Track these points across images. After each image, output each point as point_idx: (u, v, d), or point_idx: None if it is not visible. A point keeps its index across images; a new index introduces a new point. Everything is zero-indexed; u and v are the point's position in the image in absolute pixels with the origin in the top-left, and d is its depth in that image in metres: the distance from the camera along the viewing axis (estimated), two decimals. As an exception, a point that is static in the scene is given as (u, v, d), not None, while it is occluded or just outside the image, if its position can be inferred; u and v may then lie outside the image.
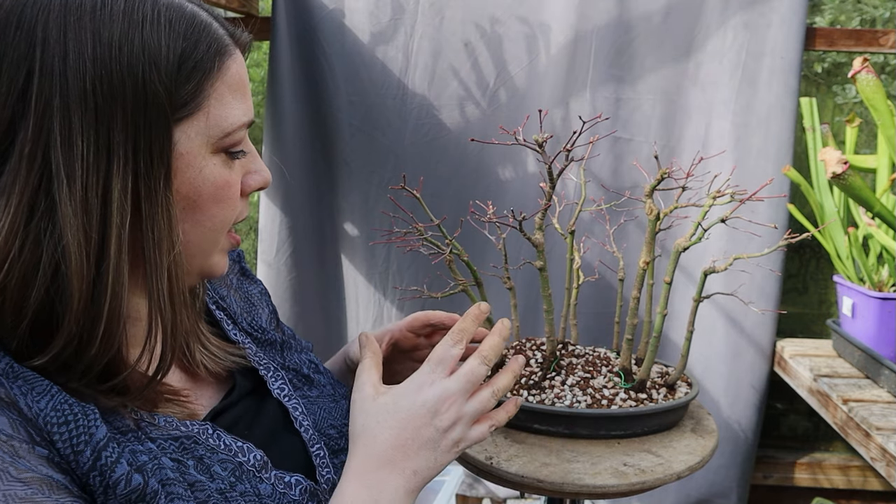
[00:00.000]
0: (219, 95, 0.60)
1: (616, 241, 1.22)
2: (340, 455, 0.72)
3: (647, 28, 1.56)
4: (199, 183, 0.59)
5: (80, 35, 0.53)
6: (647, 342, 1.08)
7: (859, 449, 1.16)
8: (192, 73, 0.58)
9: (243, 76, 0.63)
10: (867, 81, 1.11)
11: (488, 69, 1.61)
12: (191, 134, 0.58)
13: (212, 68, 0.59)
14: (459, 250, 1.02)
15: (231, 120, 0.60)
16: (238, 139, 0.61)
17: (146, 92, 0.55)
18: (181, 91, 0.57)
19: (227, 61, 0.61)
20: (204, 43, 0.59)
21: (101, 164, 0.54)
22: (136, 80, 0.54)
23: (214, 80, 0.59)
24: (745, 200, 0.96)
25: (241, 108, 0.62)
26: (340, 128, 1.64)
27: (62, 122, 0.53)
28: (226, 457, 0.62)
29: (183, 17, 0.58)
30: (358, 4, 1.60)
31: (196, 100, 0.58)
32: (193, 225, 0.61)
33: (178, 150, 0.58)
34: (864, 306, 1.34)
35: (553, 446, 0.96)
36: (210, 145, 0.60)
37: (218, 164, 0.61)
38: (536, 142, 0.92)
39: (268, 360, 0.76)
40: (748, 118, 1.55)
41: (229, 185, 0.62)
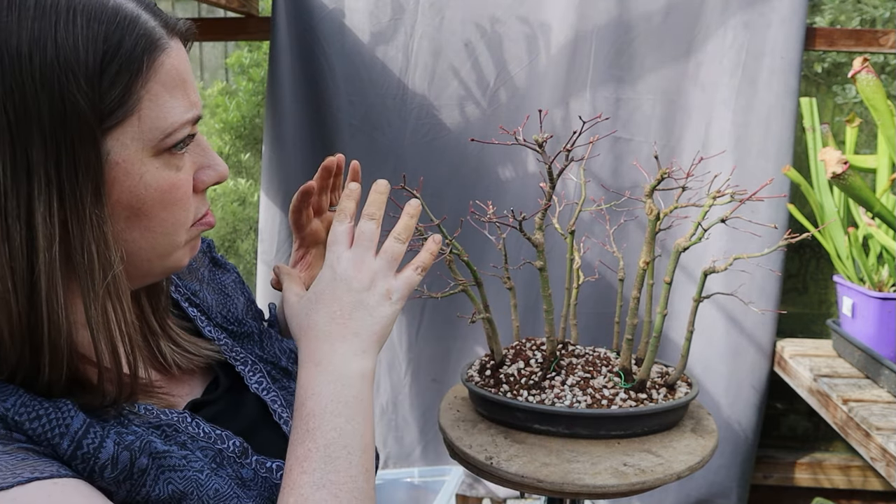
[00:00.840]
0: (153, 96, 0.55)
1: (616, 241, 1.22)
2: None
3: (648, 28, 1.56)
4: (141, 190, 0.55)
5: None
6: (647, 342, 1.08)
7: (859, 449, 1.16)
8: (117, 77, 0.52)
9: (182, 70, 0.57)
10: (867, 81, 1.11)
11: (488, 69, 1.61)
12: (125, 141, 0.54)
13: (140, 68, 0.54)
14: (459, 250, 1.02)
15: (170, 120, 0.56)
16: (180, 137, 0.57)
17: (65, 105, 0.50)
18: (107, 98, 0.52)
19: (159, 57, 0.55)
20: (129, 40, 0.53)
21: (20, 187, 0.50)
22: (52, 94, 0.49)
23: (146, 79, 0.54)
24: (745, 200, 0.96)
25: (182, 104, 0.57)
26: (340, 128, 1.64)
27: None
28: (206, 444, 0.62)
29: (103, 12, 0.52)
30: (358, 4, 1.60)
31: (126, 104, 0.53)
32: (143, 232, 0.57)
33: (112, 160, 0.53)
34: (864, 306, 1.34)
35: (553, 446, 0.96)
36: (149, 149, 0.55)
37: (160, 168, 0.56)
38: (536, 142, 0.92)
39: (245, 354, 0.75)
40: (748, 118, 1.55)
41: (176, 186, 0.58)
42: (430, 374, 1.73)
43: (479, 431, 1.02)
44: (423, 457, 1.77)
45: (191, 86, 0.59)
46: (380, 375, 1.74)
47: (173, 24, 0.58)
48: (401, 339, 1.72)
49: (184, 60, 0.58)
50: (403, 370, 1.73)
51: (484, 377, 1.07)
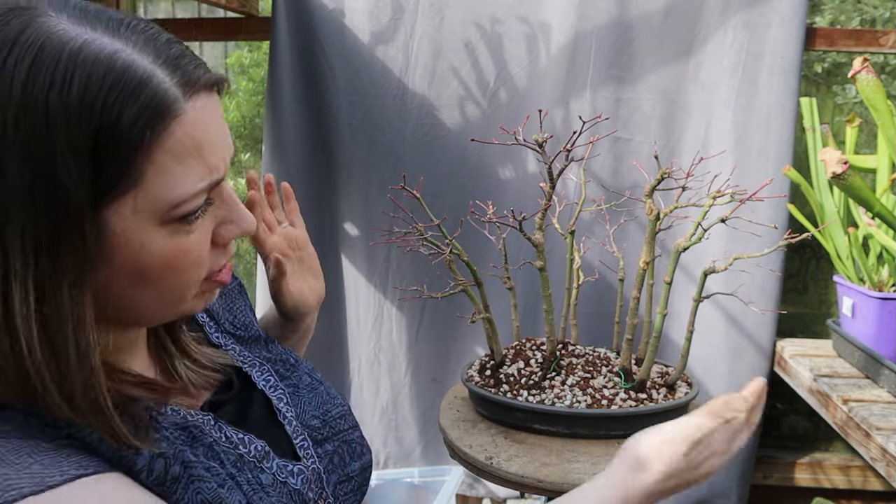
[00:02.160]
0: (158, 167, 0.49)
1: (616, 241, 1.22)
2: (325, 444, 0.72)
3: (648, 28, 1.56)
4: (144, 258, 0.51)
5: None
6: (647, 342, 1.08)
7: (859, 449, 1.16)
8: (114, 153, 0.47)
9: (199, 134, 0.51)
10: (867, 81, 1.11)
11: (488, 69, 1.61)
12: (124, 213, 0.49)
13: (142, 142, 0.48)
14: (459, 250, 1.02)
15: (178, 192, 0.50)
16: (190, 209, 0.52)
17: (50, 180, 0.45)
18: (100, 176, 0.47)
19: (169, 126, 0.49)
20: (130, 112, 0.47)
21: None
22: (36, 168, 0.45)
23: (149, 152, 0.49)
24: (745, 200, 0.96)
25: (196, 172, 0.51)
26: (340, 128, 1.64)
27: None
28: (227, 448, 0.62)
29: (106, 76, 0.47)
30: (358, 4, 1.60)
31: (123, 180, 0.48)
32: (149, 292, 0.54)
33: (111, 230, 0.49)
34: (864, 306, 1.34)
35: (553, 446, 0.96)
36: (154, 220, 0.51)
37: (166, 236, 0.52)
38: (536, 142, 0.92)
39: (252, 357, 0.75)
40: (748, 118, 1.55)
41: (185, 253, 0.53)
42: (430, 374, 1.73)
43: (479, 431, 1.02)
44: (423, 457, 1.77)
45: (210, 148, 0.52)
46: (380, 375, 1.74)
47: (195, 78, 0.51)
48: (401, 339, 1.72)
49: (203, 122, 0.52)
50: (403, 370, 1.73)
51: (484, 377, 1.07)
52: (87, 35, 0.48)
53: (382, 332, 1.72)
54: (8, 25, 0.47)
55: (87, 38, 0.48)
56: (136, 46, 0.49)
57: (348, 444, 0.74)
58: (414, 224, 1.00)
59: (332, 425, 0.74)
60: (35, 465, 0.46)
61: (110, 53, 0.48)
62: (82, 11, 0.49)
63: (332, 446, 0.73)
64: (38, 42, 0.46)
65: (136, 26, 0.51)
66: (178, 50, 0.52)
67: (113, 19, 0.50)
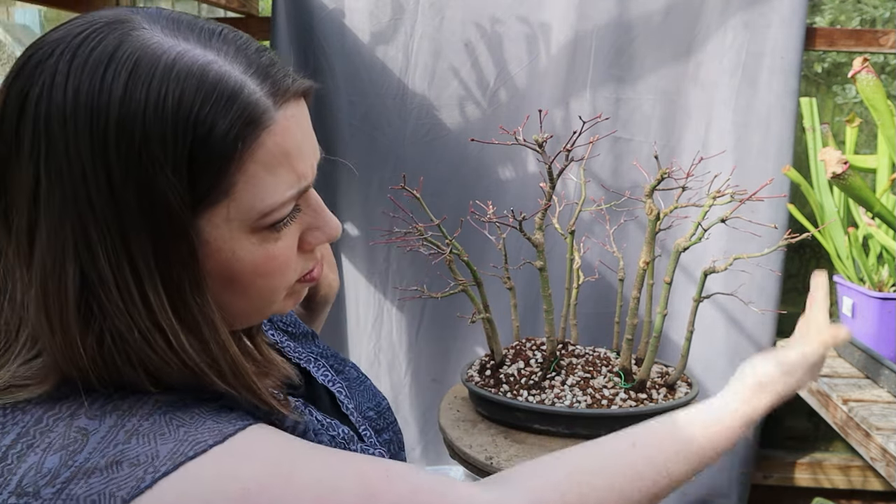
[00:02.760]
0: (249, 177, 0.50)
1: (616, 241, 1.22)
2: (383, 434, 0.75)
3: (648, 28, 1.56)
4: (234, 264, 0.53)
5: (78, 126, 0.46)
6: (647, 342, 1.08)
7: (859, 449, 1.16)
8: (207, 165, 0.48)
9: (287, 144, 0.52)
10: (867, 81, 1.11)
11: (488, 69, 1.61)
12: (216, 222, 0.51)
13: (234, 153, 0.49)
14: (459, 250, 1.02)
15: (268, 201, 0.52)
16: (279, 217, 0.53)
17: (152, 197, 0.47)
18: (195, 187, 0.49)
19: (259, 136, 0.50)
20: (224, 122, 0.48)
21: (127, 276, 0.48)
22: (139, 182, 0.47)
23: (240, 163, 0.50)
24: (745, 200, 0.96)
25: (285, 181, 0.52)
26: (340, 128, 1.64)
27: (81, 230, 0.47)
28: (320, 430, 0.63)
29: (199, 89, 0.48)
30: (358, 4, 1.60)
31: (216, 190, 0.50)
32: (238, 296, 0.55)
33: (203, 238, 0.51)
34: (864, 306, 1.34)
35: (553, 446, 0.96)
36: (245, 228, 0.52)
37: (256, 243, 0.53)
38: (536, 142, 0.92)
39: (307, 353, 0.76)
40: (748, 118, 1.55)
41: (273, 258, 0.54)
42: (430, 374, 1.73)
43: (479, 431, 1.02)
44: (423, 457, 1.77)
45: (298, 156, 0.54)
46: (380, 375, 1.74)
47: (285, 88, 0.52)
48: (401, 339, 1.72)
49: (292, 131, 0.53)
50: (403, 370, 1.73)
51: (484, 377, 1.07)
52: (179, 47, 0.49)
53: (382, 332, 1.72)
54: (105, 40, 0.48)
55: (180, 50, 0.49)
56: (227, 56, 0.50)
57: (397, 436, 0.78)
58: (414, 224, 1.00)
59: (384, 416, 0.77)
60: (209, 420, 0.50)
61: (203, 65, 0.49)
62: (175, 23, 0.51)
63: (388, 436, 0.76)
64: (133, 57, 0.47)
65: (227, 36, 0.52)
66: (268, 59, 0.53)
67: (205, 30, 0.51)
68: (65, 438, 0.47)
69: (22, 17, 1.81)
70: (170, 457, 0.47)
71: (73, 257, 0.48)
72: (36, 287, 0.49)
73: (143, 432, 0.48)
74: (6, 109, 0.48)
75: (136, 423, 0.49)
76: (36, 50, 0.49)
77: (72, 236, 0.47)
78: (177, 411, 0.51)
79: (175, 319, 0.50)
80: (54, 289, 0.48)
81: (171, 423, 0.49)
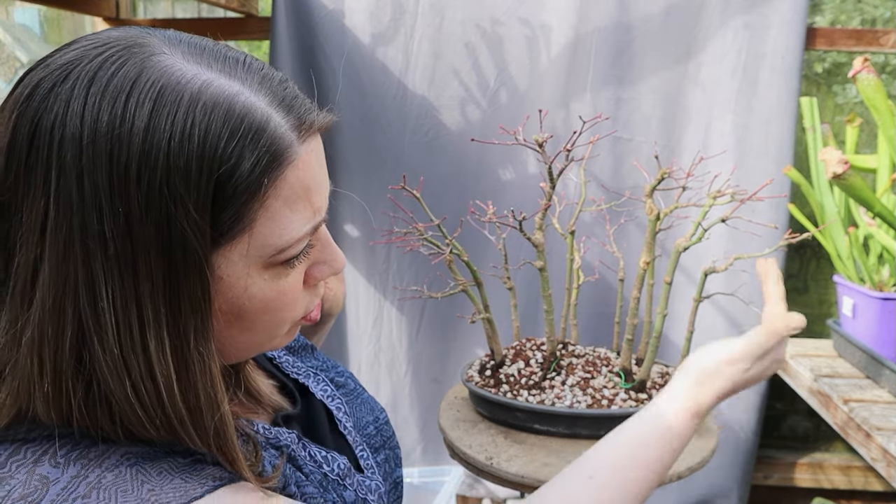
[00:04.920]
0: (270, 214, 0.49)
1: (616, 241, 1.22)
2: (381, 452, 0.73)
3: (648, 29, 1.56)
4: (245, 302, 0.51)
5: (95, 162, 0.44)
6: (647, 342, 1.07)
7: (860, 449, 1.16)
8: (230, 201, 0.46)
9: (308, 179, 0.50)
10: (868, 81, 1.11)
11: (489, 70, 1.61)
12: (232, 258, 0.49)
13: (258, 189, 0.47)
14: (459, 250, 1.02)
15: (286, 237, 0.50)
16: (294, 253, 0.51)
17: (171, 235, 0.45)
18: (216, 223, 0.47)
19: (284, 172, 0.48)
20: (250, 159, 0.46)
21: (132, 320, 0.46)
22: (158, 220, 0.45)
23: (263, 199, 0.48)
24: (745, 200, 0.96)
25: (303, 216, 0.51)
26: (340, 128, 1.64)
27: (84, 268, 0.45)
28: (313, 468, 0.61)
29: (226, 122, 0.46)
30: (358, 5, 1.60)
31: (237, 226, 0.48)
32: (242, 332, 0.53)
33: (217, 275, 0.49)
34: (865, 306, 1.34)
35: (553, 446, 0.96)
36: (259, 264, 0.50)
37: (269, 279, 0.51)
38: (536, 142, 0.92)
39: (306, 368, 0.74)
40: (748, 118, 1.55)
41: (283, 294, 0.53)
42: (430, 374, 1.73)
43: (479, 431, 1.02)
44: (423, 457, 1.76)
45: (316, 191, 0.52)
46: (380, 375, 1.74)
47: (310, 122, 0.51)
48: (401, 339, 1.72)
49: (312, 166, 0.51)
50: (403, 370, 1.73)
51: (484, 377, 1.07)
52: (204, 76, 0.47)
53: (382, 333, 1.72)
54: (125, 66, 0.45)
55: (206, 79, 0.46)
56: (252, 87, 0.48)
57: (394, 452, 0.75)
58: (414, 224, 1.00)
59: (382, 433, 0.75)
60: (176, 479, 0.47)
61: (230, 96, 0.47)
62: (197, 49, 0.48)
63: (384, 455, 0.73)
64: (157, 85, 0.45)
65: (251, 65, 0.50)
66: (291, 91, 0.51)
67: (229, 58, 0.49)
68: (25, 487, 0.45)
69: (21, 17, 1.80)
70: None
71: (73, 299, 0.45)
72: (33, 328, 0.46)
73: (105, 486, 0.45)
74: (16, 139, 0.45)
75: (100, 475, 0.46)
76: (47, 73, 0.46)
77: (74, 275, 0.45)
78: (145, 464, 0.48)
79: (173, 369, 0.47)
80: (52, 331, 0.46)
81: (135, 479, 0.46)
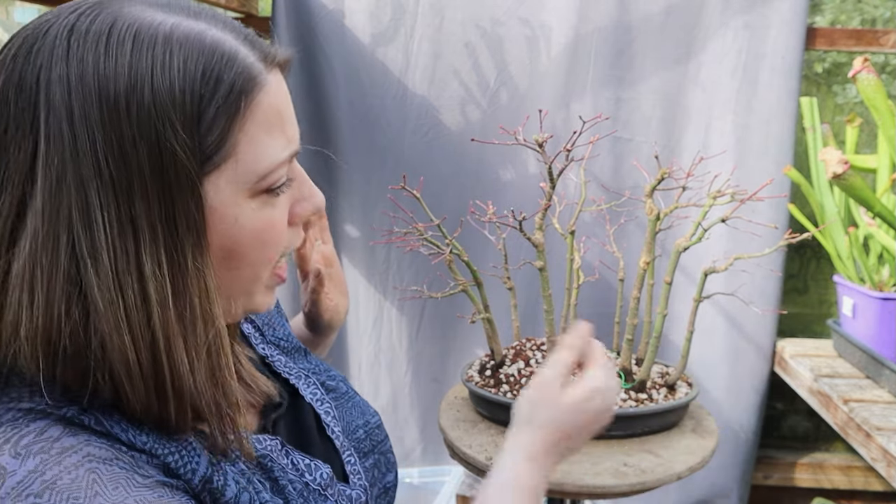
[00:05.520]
0: (250, 137, 0.52)
1: (616, 241, 1.22)
2: (369, 457, 0.72)
3: (648, 29, 1.56)
4: (236, 232, 0.53)
5: (86, 97, 0.47)
6: (647, 342, 1.07)
7: (860, 449, 1.16)
8: (214, 121, 0.50)
9: (280, 106, 0.55)
10: (868, 81, 1.11)
11: (489, 70, 1.61)
12: (220, 185, 0.52)
13: (238, 110, 0.51)
14: (459, 250, 1.02)
15: (267, 162, 0.54)
16: (277, 178, 0.55)
17: (162, 154, 0.48)
18: (204, 144, 0.50)
19: (257, 96, 0.53)
20: (227, 80, 0.51)
21: (127, 241, 0.48)
22: (150, 143, 0.48)
23: (243, 121, 0.52)
24: (745, 200, 0.96)
25: (279, 143, 0.54)
26: (340, 128, 1.64)
27: (77, 196, 0.47)
28: (294, 477, 0.61)
29: (201, 52, 0.50)
30: (358, 5, 1.60)
31: (223, 149, 0.51)
32: (231, 270, 0.55)
33: (209, 205, 0.52)
34: (865, 306, 1.34)
35: (553, 446, 0.96)
36: (245, 191, 0.53)
37: (256, 209, 0.54)
38: (536, 142, 0.92)
39: (298, 369, 0.74)
40: (749, 118, 1.55)
41: (272, 225, 0.56)
42: (430, 374, 1.73)
43: (479, 431, 1.02)
44: (423, 457, 1.76)
45: (288, 121, 0.56)
46: (380, 375, 1.74)
47: (273, 55, 0.56)
48: (401, 339, 1.72)
49: (282, 94, 0.56)
50: (403, 370, 1.73)
51: (484, 377, 1.07)
52: (172, 19, 0.51)
53: (382, 333, 1.72)
54: (100, 16, 0.49)
55: (174, 21, 0.51)
56: (217, 27, 0.53)
57: (385, 456, 0.75)
58: (414, 224, 1.00)
59: (372, 437, 0.74)
60: (129, 499, 0.47)
61: (199, 33, 0.51)
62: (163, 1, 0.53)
63: (373, 460, 0.73)
64: (132, 28, 0.49)
65: (212, 12, 0.54)
66: (252, 33, 0.56)
67: (191, 8, 0.53)
68: None
69: (21, 16, 1.81)
70: None
71: (68, 226, 0.47)
72: (23, 261, 0.47)
73: (59, 489, 0.45)
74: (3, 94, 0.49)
75: (56, 475, 0.46)
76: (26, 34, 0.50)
77: (68, 203, 0.47)
78: (104, 472, 0.48)
79: (169, 284, 0.49)
80: (46, 260, 0.47)
81: (90, 489, 0.46)
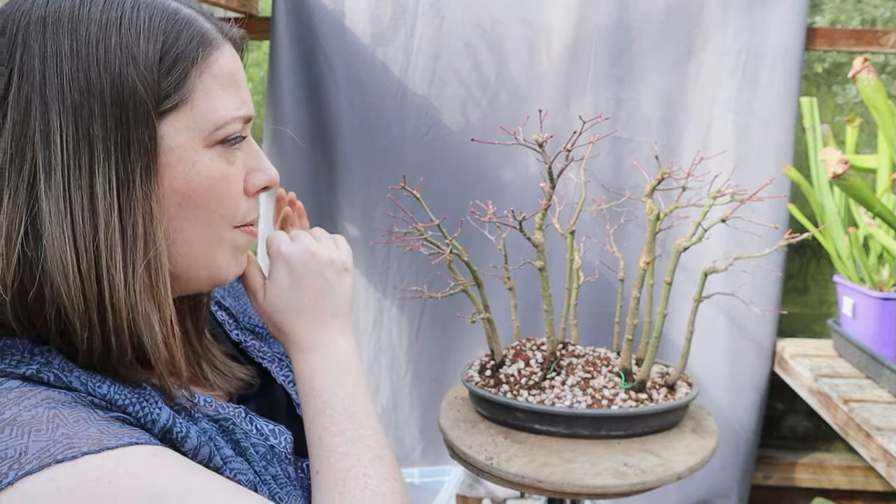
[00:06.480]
0: (206, 87, 0.59)
1: (616, 241, 1.22)
2: None
3: (648, 29, 1.56)
4: (193, 177, 0.59)
5: (58, 35, 0.54)
6: (647, 342, 1.07)
7: (860, 449, 1.16)
8: (174, 65, 0.57)
9: (234, 70, 0.62)
10: (868, 81, 1.11)
11: (489, 70, 1.60)
12: (178, 127, 0.58)
13: (196, 59, 0.58)
14: (459, 250, 1.02)
15: (221, 112, 0.60)
16: (231, 132, 0.60)
17: (123, 87, 0.55)
18: (163, 83, 0.57)
19: (213, 53, 0.60)
20: (186, 35, 0.58)
21: (82, 160, 0.54)
22: (113, 76, 0.55)
23: (200, 71, 0.59)
24: (745, 200, 0.96)
25: (233, 101, 0.61)
26: (340, 128, 1.64)
27: (41, 119, 0.53)
28: (258, 440, 0.63)
29: (164, 12, 0.58)
30: (358, 5, 1.60)
31: (180, 91, 0.57)
32: (191, 221, 0.60)
33: (167, 144, 0.57)
34: (865, 306, 1.34)
35: (553, 446, 0.96)
36: (202, 139, 0.59)
37: (213, 158, 0.60)
38: (536, 142, 0.92)
39: (272, 353, 0.78)
40: (749, 118, 1.55)
41: (227, 178, 0.61)
42: (430, 374, 1.73)
43: (479, 431, 1.01)
44: (423, 457, 1.76)
45: (242, 87, 0.63)
46: (380, 375, 1.74)
47: (227, 29, 0.64)
48: (401, 339, 1.72)
49: (237, 62, 0.63)
50: (403, 370, 1.73)
51: (484, 377, 1.07)
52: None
53: (382, 333, 1.72)
54: None
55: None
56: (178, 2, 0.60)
57: None
58: (414, 224, 1.00)
59: None
60: (92, 429, 0.50)
61: (162, 3, 0.59)
62: None
63: None
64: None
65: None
66: (209, 12, 0.64)
67: None
68: None
69: None
70: (38, 456, 0.47)
71: (32, 147, 0.53)
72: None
73: (20, 425, 0.48)
74: None
75: (16, 413, 0.49)
76: None
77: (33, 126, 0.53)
78: (63, 409, 0.51)
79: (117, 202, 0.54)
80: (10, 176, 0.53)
81: (51, 422, 0.49)
